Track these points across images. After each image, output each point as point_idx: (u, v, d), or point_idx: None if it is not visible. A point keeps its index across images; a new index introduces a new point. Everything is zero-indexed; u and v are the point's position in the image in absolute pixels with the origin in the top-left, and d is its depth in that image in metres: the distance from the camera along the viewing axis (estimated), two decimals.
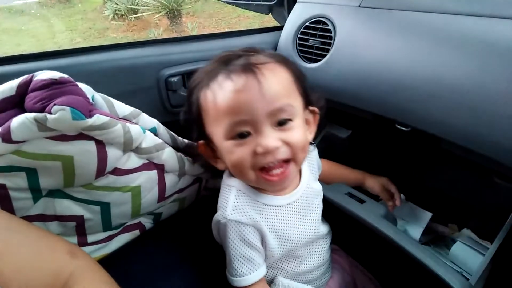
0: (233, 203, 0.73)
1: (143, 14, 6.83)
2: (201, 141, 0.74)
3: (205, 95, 0.67)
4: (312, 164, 0.85)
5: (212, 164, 0.76)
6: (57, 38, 6.52)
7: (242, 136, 0.65)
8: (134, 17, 6.83)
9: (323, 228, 0.85)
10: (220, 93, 0.64)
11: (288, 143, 0.65)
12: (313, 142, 0.82)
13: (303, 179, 0.80)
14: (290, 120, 0.66)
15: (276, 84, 0.64)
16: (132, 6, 6.79)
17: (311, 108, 0.74)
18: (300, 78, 0.71)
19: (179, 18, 6.69)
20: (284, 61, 0.70)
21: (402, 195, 0.99)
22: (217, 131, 0.67)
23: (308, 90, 0.73)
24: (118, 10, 6.95)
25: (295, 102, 0.68)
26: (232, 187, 0.75)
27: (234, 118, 0.63)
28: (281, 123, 0.65)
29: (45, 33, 6.78)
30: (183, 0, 6.59)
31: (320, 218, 0.85)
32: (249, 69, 0.63)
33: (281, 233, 0.75)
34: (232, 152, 0.66)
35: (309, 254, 0.82)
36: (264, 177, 0.67)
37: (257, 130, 0.64)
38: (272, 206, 0.74)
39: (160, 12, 6.56)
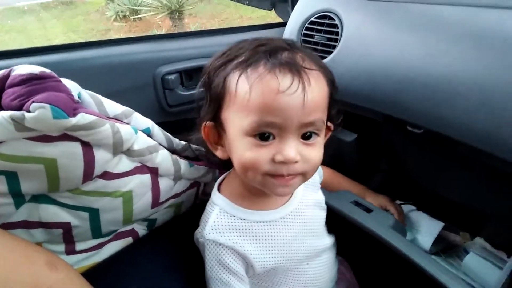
0: (213, 222, 0.69)
1: (145, 15, 6.81)
2: (209, 123, 0.67)
3: (238, 79, 0.60)
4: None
5: (211, 149, 0.71)
6: (59, 39, 6.51)
7: (264, 137, 0.59)
8: (136, 18, 6.81)
9: (327, 240, 0.81)
10: (259, 87, 0.57)
11: (306, 160, 0.61)
12: None
13: (297, 191, 0.75)
14: (316, 135, 0.61)
15: (317, 96, 0.59)
16: (134, 7, 6.77)
17: (328, 124, 0.69)
18: (333, 92, 0.66)
19: (182, 19, 6.67)
20: (326, 70, 0.64)
21: (412, 206, 0.95)
22: (237, 121, 0.61)
23: (332, 103, 0.68)
24: (120, 11, 6.94)
25: (325, 116, 0.63)
26: (216, 206, 0.71)
27: (265, 117, 0.57)
28: (307, 137, 0.60)
29: (47, 34, 6.77)
30: (185, 1, 6.56)
31: (322, 230, 0.80)
32: (297, 71, 0.57)
33: (277, 249, 0.71)
34: (248, 150, 0.60)
35: (316, 270, 0.77)
36: (269, 180, 0.62)
37: (283, 136, 0.59)
38: (263, 222, 0.70)
39: (163, 13, 6.54)
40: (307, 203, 0.76)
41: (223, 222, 0.70)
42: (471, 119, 0.67)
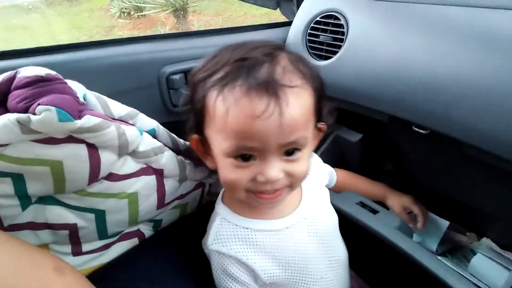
0: (215, 232, 0.70)
1: (149, 12, 6.81)
2: (194, 136, 0.67)
3: (215, 100, 0.58)
4: (318, 183, 0.80)
5: (203, 160, 0.71)
6: (63, 35, 6.53)
7: (245, 158, 0.59)
8: (141, 15, 6.81)
9: (342, 252, 0.79)
10: (235, 111, 0.55)
11: (290, 175, 0.60)
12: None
13: (305, 198, 0.74)
14: (299, 150, 0.60)
15: (298, 115, 0.56)
16: (139, 4, 6.77)
17: (319, 125, 0.67)
18: (321, 97, 0.63)
19: (186, 16, 6.66)
20: (311, 77, 0.61)
21: None
22: (218, 142, 0.60)
23: (322, 107, 0.65)
24: (125, 8, 6.94)
25: (309, 130, 0.61)
26: (217, 215, 0.71)
27: (242, 142, 0.56)
28: (289, 153, 0.59)
29: (51, 31, 6.78)
30: None
31: (336, 240, 0.78)
32: (274, 91, 0.54)
33: (284, 259, 0.69)
34: (229, 171, 0.61)
35: (328, 284, 0.75)
36: (255, 195, 0.62)
37: (263, 158, 0.58)
38: (267, 231, 0.69)
39: (167, 10, 6.53)
40: (319, 210, 0.75)
41: (224, 232, 0.69)
42: (479, 120, 0.67)
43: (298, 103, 0.56)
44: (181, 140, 0.83)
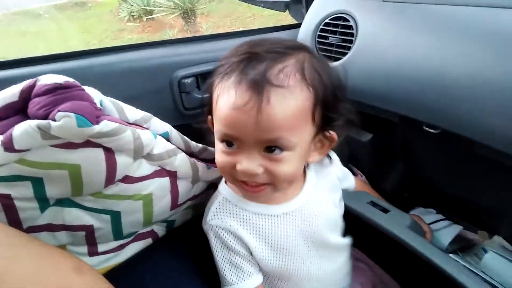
0: (215, 209, 0.72)
1: (158, 15, 6.85)
2: (210, 117, 0.71)
3: (217, 89, 0.62)
4: (327, 177, 0.79)
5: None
6: (74, 40, 6.59)
7: (230, 145, 0.62)
8: (149, 18, 6.85)
9: (338, 239, 0.79)
10: (223, 99, 0.60)
11: (270, 173, 0.61)
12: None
13: (306, 188, 0.74)
14: (281, 150, 0.60)
15: (280, 115, 0.56)
16: (147, 8, 6.81)
17: (328, 134, 0.66)
18: (326, 106, 0.62)
19: (194, 18, 6.69)
20: (316, 84, 0.60)
21: (432, 210, 0.94)
22: (215, 124, 0.64)
23: (332, 114, 0.64)
24: (133, 12, 6.98)
25: (299, 134, 0.60)
26: (220, 194, 0.74)
27: (224, 128, 0.61)
28: (270, 151, 0.59)
29: (62, 35, 6.85)
30: (197, 0, 6.58)
31: (332, 226, 0.78)
32: (258, 88, 0.55)
33: (277, 244, 0.70)
34: (219, 154, 0.65)
35: (322, 271, 0.76)
36: (240, 184, 0.65)
37: (243, 148, 0.60)
38: (264, 215, 0.71)
39: (175, 12, 6.57)
40: (320, 200, 0.75)
41: (224, 210, 0.72)
42: (490, 119, 0.67)
43: (283, 104, 0.56)
44: (193, 143, 0.85)
